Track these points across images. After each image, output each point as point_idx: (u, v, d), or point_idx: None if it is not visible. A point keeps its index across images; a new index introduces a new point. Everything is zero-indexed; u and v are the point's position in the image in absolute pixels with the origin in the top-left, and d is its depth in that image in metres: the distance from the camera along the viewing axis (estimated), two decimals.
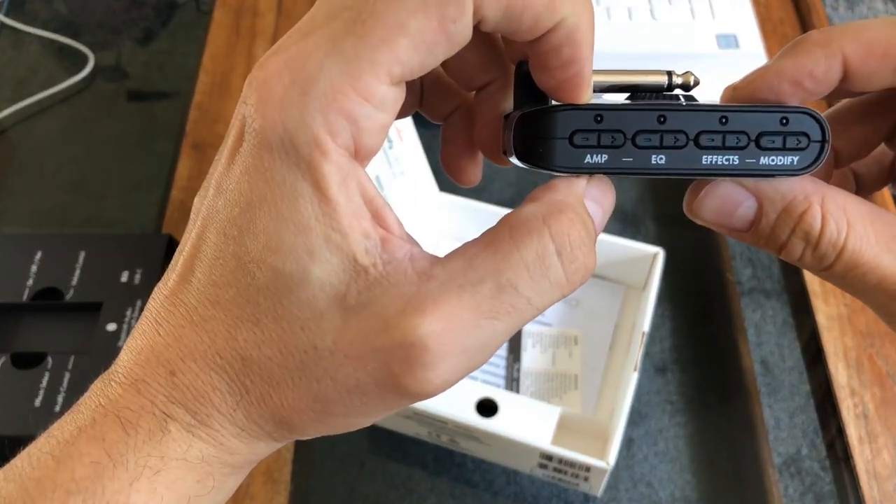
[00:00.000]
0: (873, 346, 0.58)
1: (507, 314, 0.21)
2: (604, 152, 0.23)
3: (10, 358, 0.55)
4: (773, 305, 0.62)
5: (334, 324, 0.21)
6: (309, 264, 0.21)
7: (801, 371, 0.59)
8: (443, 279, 0.21)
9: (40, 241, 0.60)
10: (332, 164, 0.20)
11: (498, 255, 0.21)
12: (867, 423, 0.55)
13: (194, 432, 0.22)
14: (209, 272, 0.22)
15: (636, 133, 0.23)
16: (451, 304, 0.20)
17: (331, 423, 0.22)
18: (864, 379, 0.57)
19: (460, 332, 0.20)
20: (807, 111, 0.23)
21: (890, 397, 0.56)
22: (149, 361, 0.22)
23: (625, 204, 0.67)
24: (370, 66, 0.20)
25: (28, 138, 0.73)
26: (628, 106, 0.23)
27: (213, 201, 0.22)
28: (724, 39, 0.74)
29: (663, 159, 0.23)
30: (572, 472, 0.50)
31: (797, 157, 0.23)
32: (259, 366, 0.21)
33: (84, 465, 0.21)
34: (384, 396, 0.21)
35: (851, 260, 0.24)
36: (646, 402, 0.57)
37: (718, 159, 0.23)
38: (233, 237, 0.21)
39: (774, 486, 0.54)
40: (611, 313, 0.59)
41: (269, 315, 0.21)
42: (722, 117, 0.23)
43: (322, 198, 0.20)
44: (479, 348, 0.21)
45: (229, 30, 0.78)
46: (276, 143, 0.20)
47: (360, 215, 0.21)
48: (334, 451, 0.55)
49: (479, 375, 0.56)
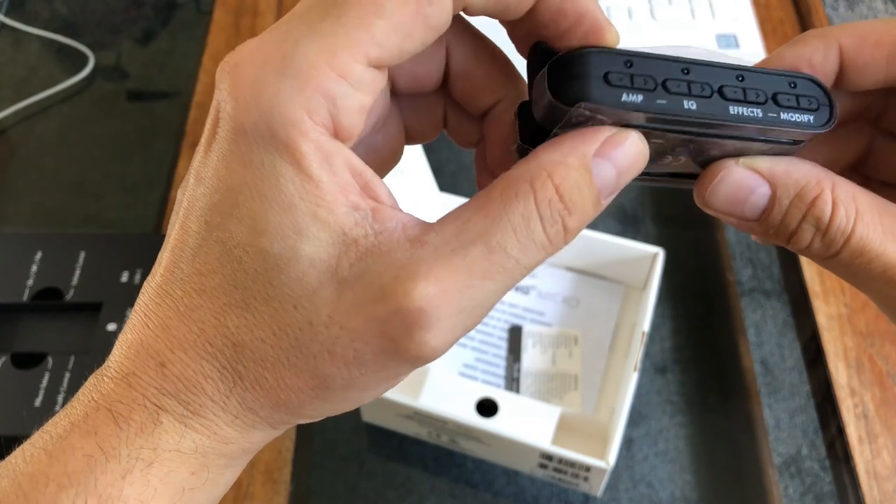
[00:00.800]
0: (873, 346, 0.58)
1: (498, 274, 0.21)
2: (639, 92, 0.23)
3: (10, 358, 0.55)
4: (774, 305, 0.62)
5: (328, 297, 0.21)
6: (297, 242, 0.20)
7: (801, 371, 0.59)
8: (436, 244, 0.21)
9: (40, 241, 0.60)
10: (312, 142, 0.20)
11: (488, 218, 0.21)
12: (867, 423, 0.55)
13: (187, 423, 0.22)
14: (193, 262, 0.22)
15: (665, 80, 0.23)
16: (444, 268, 0.21)
17: (329, 399, 0.22)
18: (864, 379, 0.57)
19: (454, 294, 0.21)
20: (810, 77, 0.24)
21: (890, 397, 0.56)
22: (139, 355, 0.22)
23: (625, 204, 0.67)
24: (346, 44, 0.20)
25: (28, 138, 0.73)
26: (655, 55, 0.24)
27: (194, 191, 0.22)
28: (723, 39, 0.74)
29: (694, 105, 0.23)
30: (572, 472, 0.50)
31: (811, 116, 0.24)
32: (251, 349, 0.21)
33: (76, 459, 0.21)
34: (384, 364, 0.21)
35: (858, 247, 0.24)
36: (646, 403, 0.57)
37: (744, 110, 0.24)
38: (216, 224, 0.21)
39: (774, 486, 0.54)
40: (611, 313, 0.59)
41: (259, 298, 0.21)
42: (738, 75, 0.24)
43: (304, 176, 0.20)
44: (473, 308, 0.21)
45: (229, 30, 0.78)
46: (251, 126, 0.20)
47: (348, 190, 0.21)
48: (334, 451, 0.55)
49: (479, 376, 0.56)
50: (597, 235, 0.58)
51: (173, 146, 0.71)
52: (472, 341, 0.58)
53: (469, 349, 0.58)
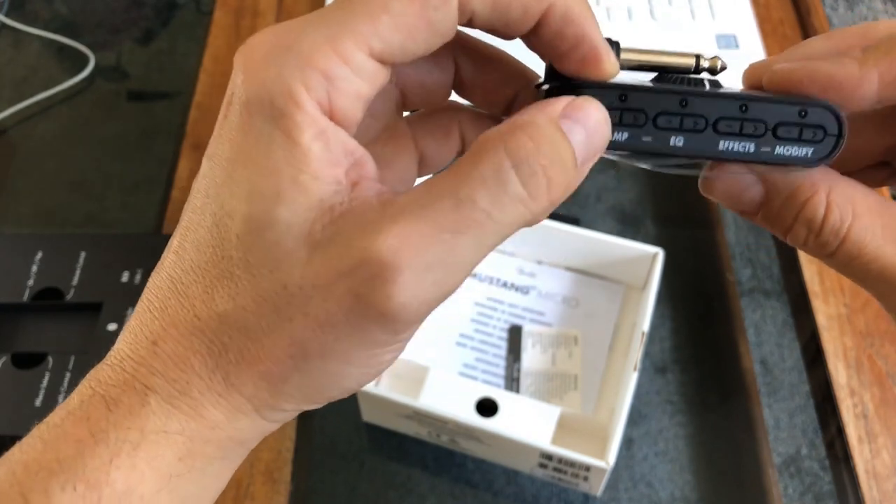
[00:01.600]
0: (873, 346, 0.59)
1: (467, 227, 0.21)
2: (625, 130, 0.23)
3: (10, 358, 0.55)
4: (773, 305, 0.62)
5: (301, 259, 0.21)
6: (275, 205, 0.21)
7: (800, 371, 0.59)
8: (403, 203, 0.21)
9: (41, 242, 0.60)
10: (306, 114, 0.21)
11: (457, 175, 0.21)
12: (867, 422, 0.55)
13: (173, 402, 0.22)
14: (193, 239, 0.22)
15: (658, 114, 0.23)
16: (409, 222, 0.21)
17: (309, 371, 0.22)
18: (863, 379, 0.57)
19: (419, 246, 0.20)
20: (826, 105, 0.24)
21: (889, 397, 0.56)
22: (136, 337, 0.23)
23: (625, 204, 0.67)
24: (351, 33, 0.21)
25: (28, 138, 0.73)
26: (652, 88, 0.24)
27: (203, 169, 0.23)
28: (723, 40, 0.74)
29: (681, 141, 0.24)
30: (572, 471, 0.50)
31: (812, 148, 0.24)
32: (235, 318, 0.22)
33: (68, 445, 0.22)
34: (355, 324, 0.21)
35: (854, 249, 0.24)
36: (646, 402, 0.57)
37: (734, 145, 0.24)
38: (213, 196, 0.22)
39: (774, 486, 0.54)
40: (610, 313, 0.59)
41: (240, 265, 0.21)
42: (742, 105, 0.23)
43: (293, 144, 0.21)
44: (443, 264, 0.21)
45: (229, 30, 0.78)
46: (254, 97, 0.21)
47: (336, 164, 0.21)
48: (334, 450, 0.55)
49: (479, 375, 0.56)
50: (596, 235, 0.58)
51: (173, 146, 0.71)
52: (472, 341, 0.58)
53: (469, 349, 0.58)
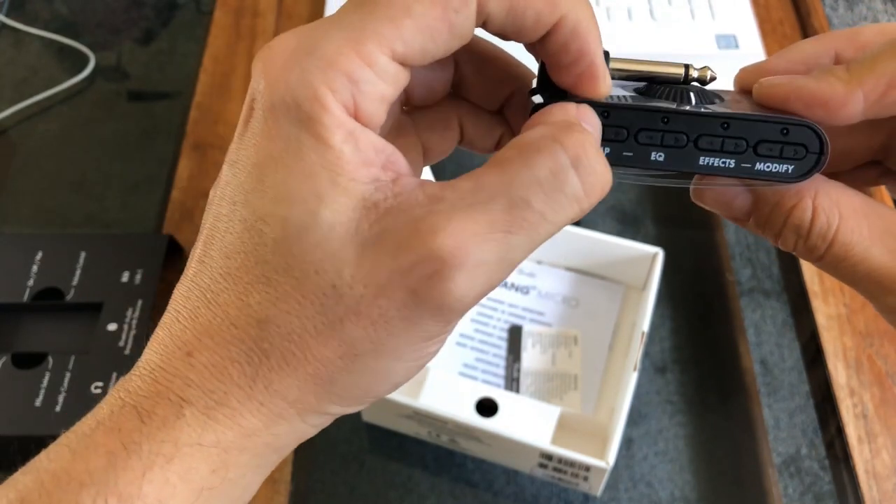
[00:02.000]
0: (872, 346, 0.59)
1: (520, 228, 0.21)
2: (606, 145, 0.24)
3: (10, 358, 0.55)
4: (773, 305, 0.62)
5: (350, 258, 0.21)
6: (317, 207, 0.21)
7: (800, 371, 0.59)
8: (452, 200, 0.21)
9: (41, 242, 0.60)
10: (334, 117, 0.21)
11: (507, 174, 0.21)
12: (866, 422, 0.55)
13: (210, 414, 0.22)
14: (221, 247, 0.22)
15: (639, 130, 0.24)
16: (462, 221, 0.21)
17: (359, 370, 0.22)
18: (863, 379, 0.57)
19: (474, 246, 0.21)
20: (808, 124, 0.24)
21: (889, 397, 0.56)
22: (167, 348, 0.22)
23: (624, 204, 0.67)
24: (374, 35, 0.21)
25: (28, 138, 0.73)
26: (634, 106, 0.24)
27: (225, 176, 0.23)
28: (723, 40, 0.74)
29: (662, 157, 0.24)
30: (572, 471, 0.50)
31: (792, 165, 0.24)
32: (277, 324, 0.21)
33: (99, 456, 0.21)
34: (410, 320, 0.21)
35: (841, 251, 0.25)
36: (645, 402, 0.57)
37: (715, 161, 0.24)
38: (241, 202, 0.22)
39: (774, 486, 0.54)
40: (610, 313, 0.59)
41: (279, 270, 0.21)
42: (724, 123, 0.24)
43: (326, 147, 0.21)
44: (496, 262, 0.21)
45: (229, 30, 0.78)
46: (279, 102, 0.21)
47: (371, 163, 0.21)
48: (335, 450, 0.55)
49: (479, 375, 0.56)
50: (597, 235, 0.58)
51: (173, 146, 0.71)
52: (472, 341, 0.58)
53: (469, 349, 0.58)
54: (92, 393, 0.52)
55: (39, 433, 0.51)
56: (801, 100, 0.24)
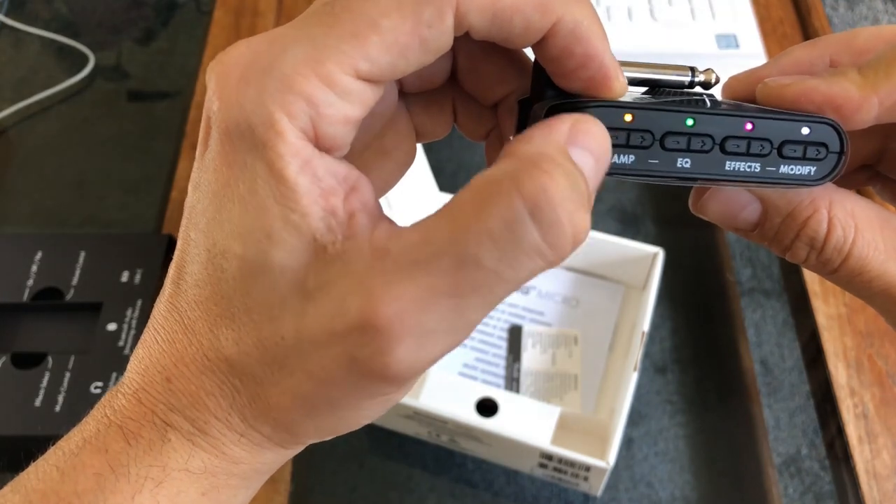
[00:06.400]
0: (873, 346, 0.59)
1: (471, 290, 0.19)
2: (631, 152, 0.22)
3: (10, 358, 0.55)
4: (773, 305, 0.62)
5: (295, 310, 0.20)
6: (268, 247, 0.20)
7: (800, 371, 0.59)
8: (395, 255, 0.19)
9: (41, 241, 0.60)
10: (289, 144, 0.19)
11: (456, 224, 0.19)
12: (867, 422, 0.55)
13: (194, 441, 0.21)
14: (192, 272, 0.21)
15: (665, 134, 0.22)
16: (404, 285, 0.19)
17: (322, 420, 0.21)
18: (863, 379, 0.57)
19: (416, 314, 0.19)
20: (830, 122, 0.23)
21: (889, 397, 0.56)
22: (148, 370, 0.22)
23: (625, 204, 0.67)
24: (336, 54, 0.19)
25: (28, 138, 0.73)
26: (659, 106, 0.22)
27: (191, 199, 0.22)
28: (723, 40, 0.74)
29: (689, 163, 0.22)
30: (572, 471, 0.50)
31: (815, 167, 0.23)
32: (241, 365, 0.21)
33: (87, 477, 0.21)
34: (357, 385, 0.20)
35: (857, 266, 0.24)
36: (646, 402, 0.57)
37: (741, 166, 0.23)
38: (203, 230, 0.21)
39: (774, 486, 0.54)
40: (610, 313, 0.59)
41: (241, 308, 0.20)
42: (751, 122, 0.22)
43: (279, 178, 0.19)
44: (447, 329, 0.19)
45: (229, 30, 0.78)
46: (233, 124, 0.20)
47: (329, 193, 0.20)
48: (334, 450, 0.55)
49: (479, 375, 0.56)
50: (597, 235, 0.58)
51: (173, 146, 0.71)
52: (472, 341, 0.58)
53: (469, 349, 0.58)
54: (91, 393, 0.52)
55: (39, 433, 0.51)
56: (812, 101, 0.23)
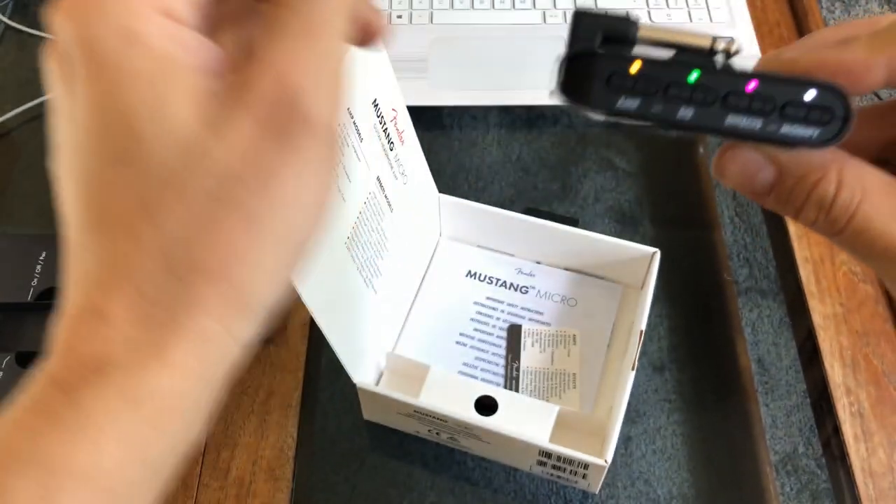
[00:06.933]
0: (868, 345, 0.59)
1: (321, 27, 0.23)
2: (636, 97, 0.24)
3: (14, 357, 0.55)
4: (770, 305, 0.63)
5: (212, 135, 0.22)
6: (163, 108, 0.22)
7: (797, 370, 0.59)
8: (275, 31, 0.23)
9: (45, 242, 0.61)
10: (158, 26, 0.22)
11: None
12: (863, 421, 0.56)
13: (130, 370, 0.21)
14: (76, 201, 0.23)
15: (669, 84, 0.24)
16: (289, 49, 0.23)
17: (261, 233, 0.22)
18: (859, 378, 0.58)
19: (315, 74, 0.23)
20: (833, 87, 0.24)
21: (885, 396, 0.57)
22: (73, 320, 0.22)
23: (623, 204, 0.68)
24: None
25: (32, 140, 0.74)
26: (666, 60, 0.24)
27: (67, 137, 0.23)
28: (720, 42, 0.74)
29: (690, 113, 0.24)
30: (570, 469, 0.51)
31: (818, 130, 0.24)
32: (161, 245, 0.21)
33: (22, 435, 0.21)
34: (289, 150, 0.22)
35: (861, 225, 0.25)
36: (643, 401, 0.58)
37: (741, 121, 0.24)
38: (93, 150, 0.23)
39: (771, 484, 0.55)
40: (609, 313, 0.59)
41: (155, 187, 0.22)
42: (756, 81, 0.24)
43: (160, 55, 0.22)
44: (328, 65, 0.23)
45: None
46: (101, 35, 0.22)
47: (197, 52, 0.22)
48: (335, 448, 0.56)
49: (478, 374, 0.57)
50: (595, 236, 0.59)
51: None
52: (472, 340, 0.58)
53: (468, 348, 0.58)
54: None
55: None
56: (824, 68, 0.24)
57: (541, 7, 0.77)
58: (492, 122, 0.73)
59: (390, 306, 0.57)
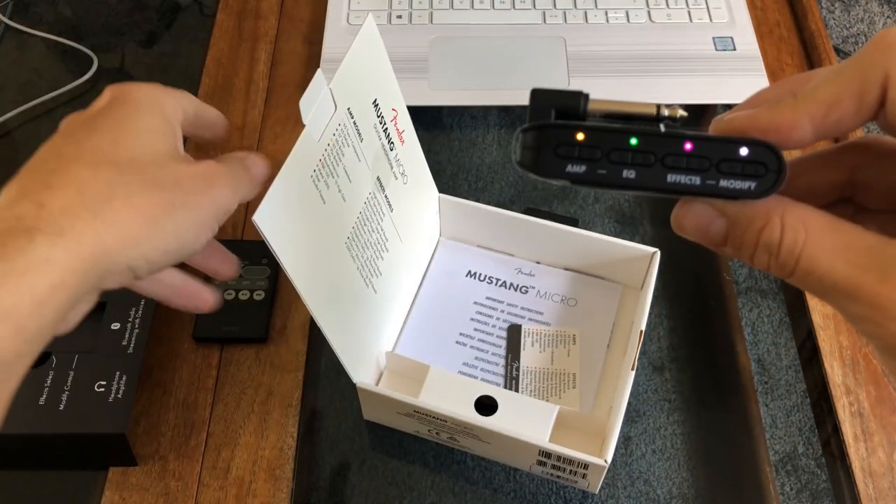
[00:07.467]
0: (868, 345, 0.59)
1: None
2: (582, 164, 0.27)
3: None
4: (770, 305, 0.63)
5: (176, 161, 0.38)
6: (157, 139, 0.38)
7: (797, 370, 0.60)
8: None
9: None
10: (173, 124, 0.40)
11: None
12: (862, 421, 0.56)
13: (57, 231, 0.32)
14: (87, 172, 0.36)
15: (611, 150, 0.26)
16: None
17: None
18: (859, 377, 0.58)
19: None
20: (765, 144, 0.26)
21: (885, 396, 0.57)
22: (19, 191, 0.34)
23: (622, 205, 0.68)
24: None
25: (32, 140, 0.73)
26: (606, 128, 0.27)
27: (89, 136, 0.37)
28: (720, 42, 0.74)
29: (633, 174, 0.27)
30: (570, 469, 0.51)
31: (755, 182, 0.26)
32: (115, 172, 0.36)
33: None
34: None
35: (808, 266, 0.26)
36: (643, 401, 0.58)
37: (682, 178, 0.26)
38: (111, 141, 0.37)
39: (771, 484, 0.55)
40: (608, 313, 0.59)
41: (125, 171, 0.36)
42: (690, 143, 0.26)
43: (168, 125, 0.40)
44: None
45: (232, 32, 0.78)
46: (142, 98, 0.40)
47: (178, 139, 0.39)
48: (336, 448, 0.56)
49: (478, 374, 0.57)
50: (595, 236, 0.59)
51: None
52: (472, 340, 0.59)
53: (468, 348, 0.58)
54: (95, 391, 0.52)
55: (43, 432, 0.51)
56: (757, 128, 0.27)
57: (541, 7, 0.77)
58: (492, 122, 0.73)
59: (390, 306, 0.57)
